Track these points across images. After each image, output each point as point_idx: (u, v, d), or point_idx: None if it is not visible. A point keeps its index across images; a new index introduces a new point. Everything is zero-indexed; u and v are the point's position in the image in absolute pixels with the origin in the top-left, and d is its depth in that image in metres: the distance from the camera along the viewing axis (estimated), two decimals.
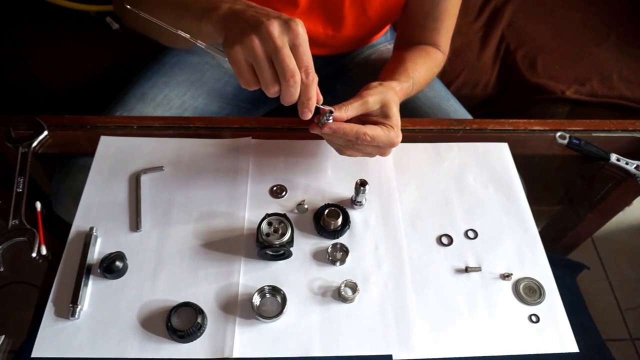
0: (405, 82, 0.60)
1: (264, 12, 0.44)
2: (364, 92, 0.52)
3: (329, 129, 0.49)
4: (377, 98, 0.52)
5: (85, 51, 1.00)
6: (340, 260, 0.52)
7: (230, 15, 0.45)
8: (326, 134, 0.50)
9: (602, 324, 0.53)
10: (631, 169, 0.65)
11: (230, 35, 0.44)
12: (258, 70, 0.44)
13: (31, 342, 0.46)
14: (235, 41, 0.43)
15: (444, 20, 0.68)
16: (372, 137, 0.50)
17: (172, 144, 0.62)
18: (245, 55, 0.43)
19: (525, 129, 0.68)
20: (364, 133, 0.50)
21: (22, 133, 0.61)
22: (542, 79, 1.02)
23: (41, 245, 0.52)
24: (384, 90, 0.53)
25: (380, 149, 0.53)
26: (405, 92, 0.60)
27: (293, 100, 0.46)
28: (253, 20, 0.43)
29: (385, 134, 0.51)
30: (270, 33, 0.42)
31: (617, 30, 1.13)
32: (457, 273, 0.53)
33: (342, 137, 0.50)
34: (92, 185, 0.57)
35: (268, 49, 0.42)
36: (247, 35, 0.42)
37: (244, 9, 0.45)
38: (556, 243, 0.60)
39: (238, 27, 0.43)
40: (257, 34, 0.42)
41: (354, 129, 0.49)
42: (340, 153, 0.54)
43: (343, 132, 0.49)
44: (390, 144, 0.52)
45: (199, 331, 0.46)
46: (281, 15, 0.44)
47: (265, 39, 0.42)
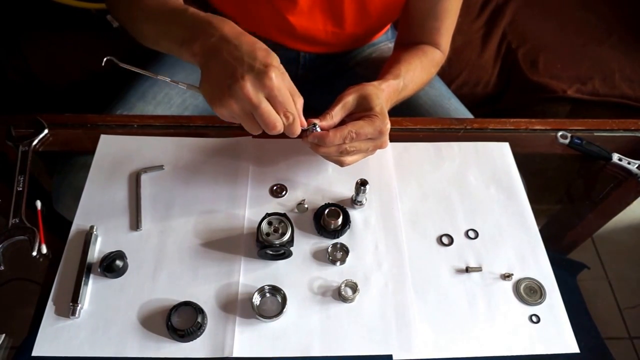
0: (393, 80, 0.59)
1: (237, 55, 0.45)
2: (342, 95, 0.53)
3: (313, 137, 0.50)
4: (355, 96, 0.52)
5: (85, 49, 1.00)
6: (341, 260, 0.52)
7: (205, 54, 0.47)
8: (313, 143, 0.51)
9: (601, 323, 0.53)
10: (633, 168, 0.64)
11: (209, 90, 0.46)
12: (242, 123, 0.47)
13: (32, 340, 0.46)
14: (215, 101, 0.46)
15: (444, 19, 0.67)
16: (356, 132, 0.50)
17: (172, 143, 0.62)
18: (228, 114, 0.46)
19: (527, 128, 0.68)
20: (348, 131, 0.50)
21: (22, 132, 0.61)
22: (543, 78, 1.02)
23: (41, 244, 0.52)
24: (360, 87, 0.53)
25: (373, 141, 0.53)
26: (394, 89, 0.59)
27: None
28: (228, 72, 0.44)
29: (369, 124, 0.51)
30: (245, 94, 0.44)
31: (619, 29, 1.13)
32: (457, 273, 0.52)
33: (331, 145, 0.50)
34: (92, 184, 0.57)
35: (246, 107, 0.45)
36: (224, 97, 0.45)
37: (218, 46, 0.46)
38: (556, 242, 0.60)
39: (215, 81, 0.46)
40: (233, 97, 0.44)
41: (337, 133, 0.50)
42: (341, 165, 0.54)
43: (328, 140, 0.50)
44: (380, 132, 0.52)
45: (199, 330, 0.46)
46: (254, 64, 0.44)
47: (242, 100, 0.44)
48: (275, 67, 0.44)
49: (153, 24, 0.55)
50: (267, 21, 0.73)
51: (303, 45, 0.78)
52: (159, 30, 0.54)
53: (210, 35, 0.46)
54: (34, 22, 1.02)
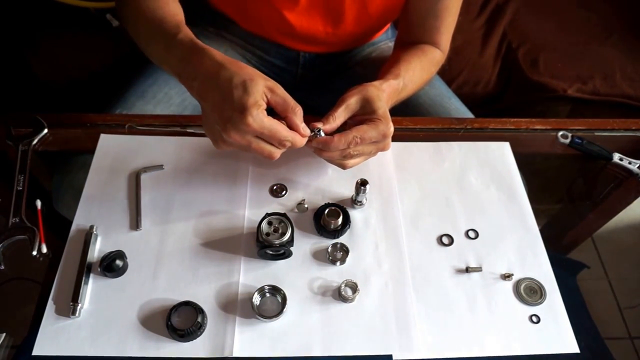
0: (394, 79, 0.59)
1: (217, 102, 0.46)
2: (344, 96, 0.53)
3: (318, 142, 0.51)
4: (357, 97, 0.52)
5: (85, 48, 1.00)
6: (341, 260, 0.52)
7: (196, 95, 0.49)
8: (318, 148, 0.51)
9: (601, 323, 0.53)
10: (634, 168, 0.64)
11: (207, 133, 0.50)
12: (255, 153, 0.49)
13: (32, 339, 0.46)
14: (213, 143, 0.49)
15: (444, 18, 0.67)
16: (361, 137, 0.50)
17: (172, 143, 0.62)
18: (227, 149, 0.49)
19: (527, 128, 0.68)
20: (353, 136, 0.50)
21: (22, 131, 0.61)
22: (543, 78, 1.02)
23: (41, 243, 0.52)
24: (362, 88, 0.53)
25: (376, 144, 0.53)
26: (394, 89, 0.59)
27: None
28: (215, 119, 0.46)
29: (373, 128, 0.51)
30: (233, 141, 0.46)
31: (619, 28, 1.12)
32: (457, 273, 0.52)
33: (335, 150, 0.51)
34: (92, 184, 0.57)
35: (240, 148, 0.47)
36: (218, 141, 0.48)
37: (202, 89, 0.48)
38: (557, 242, 0.60)
39: (209, 126, 0.48)
40: (226, 143, 0.47)
41: (341, 138, 0.50)
42: (344, 167, 0.54)
43: (333, 146, 0.50)
44: (383, 136, 0.52)
45: (199, 330, 0.46)
46: (231, 113, 0.45)
47: (233, 144, 0.47)
48: (250, 108, 0.44)
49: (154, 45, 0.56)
50: (266, 21, 0.73)
51: (303, 45, 0.77)
52: (159, 55, 0.55)
53: (195, 77, 0.48)
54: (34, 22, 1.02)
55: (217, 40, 0.81)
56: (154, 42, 0.56)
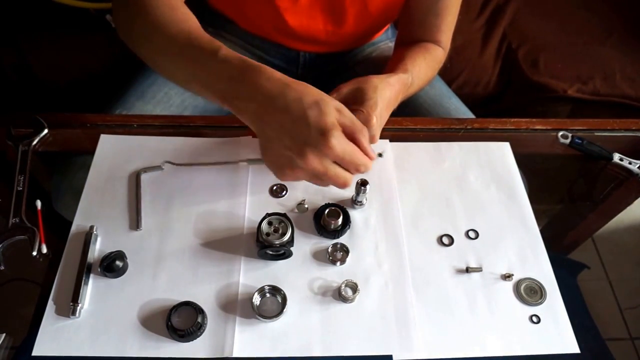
0: (403, 74, 0.58)
1: (288, 126, 0.41)
2: (340, 85, 0.52)
3: None
4: (351, 87, 0.51)
5: (85, 49, 1.00)
6: (341, 260, 0.52)
7: (255, 120, 0.43)
8: None
9: (601, 323, 0.53)
10: (634, 168, 0.64)
11: (272, 163, 0.44)
12: (314, 183, 0.45)
13: (32, 340, 0.46)
14: (280, 174, 0.44)
15: (445, 16, 0.67)
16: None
17: (172, 143, 0.62)
18: (295, 181, 0.45)
19: (527, 128, 0.68)
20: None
21: (22, 131, 0.61)
22: (544, 78, 1.02)
23: (41, 243, 0.52)
24: (361, 79, 0.52)
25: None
26: (404, 83, 0.58)
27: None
28: (286, 144, 0.41)
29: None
30: (310, 168, 0.42)
31: (619, 28, 1.13)
32: (457, 273, 0.52)
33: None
34: (92, 184, 0.57)
35: (314, 176, 0.43)
36: (288, 169, 0.43)
37: (265, 111, 0.42)
38: (557, 242, 0.60)
39: (275, 154, 0.43)
40: (299, 170, 0.42)
41: None
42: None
43: None
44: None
45: (199, 330, 0.46)
46: (309, 135, 0.41)
47: (308, 171, 0.42)
48: (331, 130, 0.40)
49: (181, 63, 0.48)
50: (266, 21, 0.73)
51: (303, 45, 0.77)
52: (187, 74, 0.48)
53: (251, 98, 0.42)
54: (34, 22, 1.02)
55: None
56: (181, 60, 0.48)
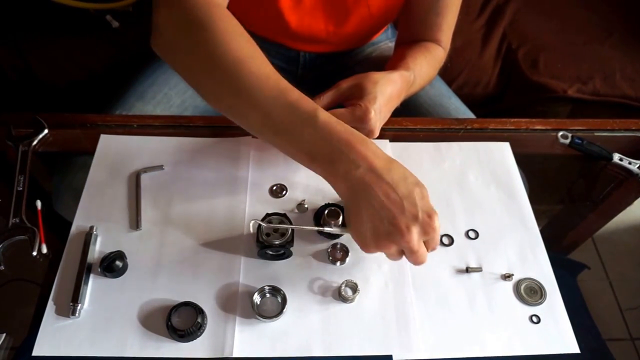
0: (405, 71, 0.59)
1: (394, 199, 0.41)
2: (340, 81, 0.52)
3: None
4: (351, 83, 0.51)
5: (85, 49, 1.00)
6: (341, 260, 0.52)
7: (353, 187, 0.42)
8: None
9: (602, 323, 0.53)
10: (634, 168, 0.64)
11: (363, 233, 0.44)
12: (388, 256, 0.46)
13: (32, 340, 0.46)
14: (370, 244, 0.44)
15: (445, 15, 0.67)
16: None
17: (172, 143, 0.62)
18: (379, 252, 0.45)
19: (527, 128, 0.68)
20: None
21: (22, 131, 0.61)
22: (543, 78, 1.02)
23: (42, 243, 0.52)
24: (362, 75, 0.52)
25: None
26: (407, 80, 0.58)
27: None
28: (386, 216, 0.41)
29: (349, 112, 0.48)
30: (408, 245, 0.42)
31: (619, 28, 1.13)
32: (457, 273, 0.52)
33: None
34: (92, 184, 0.57)
35: (404, 252, 0.44)
36: (382, 241, 0.43)
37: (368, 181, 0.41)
38: (557, 243, 0.60)
39: (369, 224, 0.42)
40: (394, 243, 0.43)
41: None
42: None
43: None
44: (360, 121, 0.49)
45: (199, 330, 0.46)
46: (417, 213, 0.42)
47: (402, 246, 0.43)
48: (436, 213, 0.43)
49: (260, 112, 0.44)
50: (267, 21, 0.73)
51: (303, 45, 0.78)
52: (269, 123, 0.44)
53: (356, 165, 0.42)
54: (34, 23, 1.02)
55: None
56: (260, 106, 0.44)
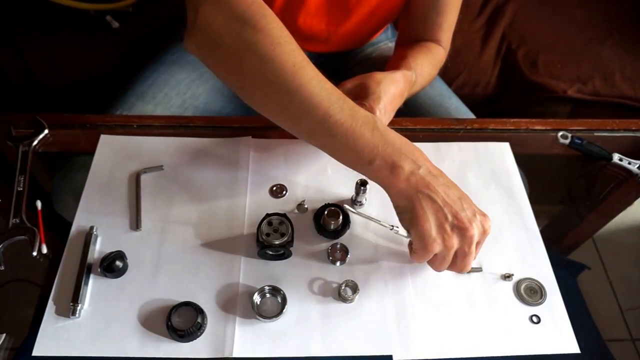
0: (407, 71, 0.59)
1: (453, 198, 0.45)
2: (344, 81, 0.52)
3: None
4: (355, 83, 0.52)
5: (85, 50, 1.00)
6: (341, 260, 0.52)
7: (414, 187, 0.44)
8: None
9: (602, 324, 0.53)
10: (634, 168, 0.64)
11: (427, 228, 0.44)
12: (440, 259, 0.46)
13: (32, 340, 0.46)
14: (434, 239, 0.44)
15: (446, 14, 0.67)
16: None
17: (172, 143, 0.62)
18: (439, 249, 0.45)
19: (527, 128, 0.68)
20: None
21: (22, 132, 0.61)
22: (543, 78, 1.02)
23: (42, 244, 0.52)
24: (366, 75, 0.52)
25: None
26: (409, 79, 0.59)
27: None
28: (449, 212, 0.44)
29: None
30: (471, 240, 0.44)
31: (619, 28, 1.13)
32: (457, 273, 0.52)
33: None
34: (92, 184, 0.57)
35: (461, 249, 0.45)
36: (448, 235, 0.44)
37: (429, 181, 0.44)
38: (557, 243, 0.60)
39: (434, 219, 0.44)
40: (460, 238, 0.44)
41: None
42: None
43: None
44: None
45: (199, 331, 0.46)
46: (475, 210, 0.45)
47: (464, 243, 0.45)
48: (488, 216, 0.46)
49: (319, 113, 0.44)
50: None
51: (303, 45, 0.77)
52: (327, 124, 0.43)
53: (416, 166, 0.45)
54: (34, 23, 1.02)
55: None
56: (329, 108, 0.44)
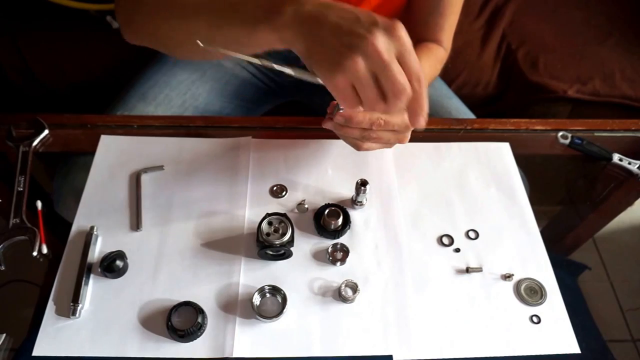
0: None
1: (349, 17, 0.38)
2: None
3: (342, 117, 0.48)
4: None
5: (85, 50, 1.00)
6: (341, 260, 0.52)
7: (303, 23, 0.39)
8: (339, 124, 0.49)
9: (603, 324, 0.52)
10: (634, 168, 0.64)
11: (320, 55, 0.39)
12: (362, 91, 0.39)
13: (32, 340, 0.46)
14: (332, 64, 0.38)
15: (447, 15, 0.67)
16: (385, 120, 0.49)
17: (172, 143, 0.62)
18: (349, 79, 0.38)
19: (527, 128, 0.68)
20: (378, 117, 0.48)
21: (22, 132, 0.61)
22: (543, 78, 1.02)
23: (42, 244, 0.52)
24: None
25: (397, 134, 0.52)
26: None
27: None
28: (345, 31, 0.38)
29: (399, 116, 0.49)
30: (377, 50, 0.37)
31: (619, 28, 1.13)
32: (458, 273, 0.52)
33: (355, 127, 0.49)
34: (92, 185, 0.57)
35: (374, 67, 0.38)
36: (347, 56, 0.37)
37: (319, 12, 0.39)
38: (557, 243, 0.60)
39: (329, 45, 0.38)
40: (361, 54, 0.37)
41: (366, 116, 0.48)
42: (358, 149, 0.52)
43: (356, 121, 0.48)
44: (406, 127, 0.51)
45: (199, 331, 0.46)
46: (376, 19, 0.38)
47: (371, 58, 0.37)
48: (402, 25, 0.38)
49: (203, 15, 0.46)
50: None
51: None
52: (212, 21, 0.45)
53: (302, 4, 0.39)
54: (34, 23, 1.02)
55: None
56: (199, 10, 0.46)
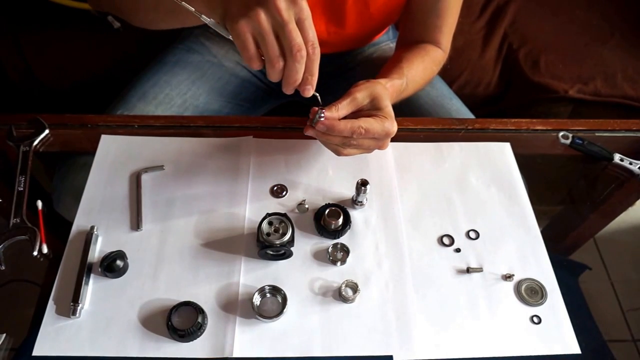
0: (398, 79, 0.59)
1: None
2: (352, 90, 0.53)
3: (323, 125, 0.49)
4: (366, 93, 0.52)
5: (86, 50, 1.00)
6: (341, 260, 0.52)
7: None
8: (320, 131, 0.50)
9: (603, 325, 0.52)
10: (635, 169, 0.64)
11: (233, 10, 0.43)
12: (263, 44, 0.43)
13: (32, 340, 0.46)
14: (239, 15, 0.42)
15: (446, 17, 0.67)
16: (366, 129, 0.50)
17: (173, 143, 0.62)
18: (251, 28, 0.43)
19: (528, 128, 0.68)
20: (359, 126, 0.49)
21: (23, 132, 0.61)
22: (544, 78, 1.02)
23: (42, 243, 0.52)
24: (371, 85, 0.53)
25: (377, 140, 0.53)
26: (397, 89, 0.59)
27: (298, 78, 0.46)
28: None
29: (379, 124, 0.51)
30: (277, 6, 0.41)
31: (621, 29, 1.12)
32: (458, 274, 0.52)
33: (337, 135, 0.50)
34: (93, 184, 0.57)
35: (274, 22, 0.42)
36: (252, 9, 0.42)
37: None
38: (558, 243, 0.60)
39: (240, 1, 0.43)
40: (263, 8, 0.42)
41: (347, 124, 0.49)
42: (338, 154, 0.54)
43: (338, 129, 0.49)
44: (386, 134, 0.52)
45: (200, 330, 0.46)
46: None
47: (272, 13, 0.42)
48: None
49: None
50: None
51: None
52: None
53: None
54: (34, 23, 1.02)
55: (218, 42, 0.81)
56: None
